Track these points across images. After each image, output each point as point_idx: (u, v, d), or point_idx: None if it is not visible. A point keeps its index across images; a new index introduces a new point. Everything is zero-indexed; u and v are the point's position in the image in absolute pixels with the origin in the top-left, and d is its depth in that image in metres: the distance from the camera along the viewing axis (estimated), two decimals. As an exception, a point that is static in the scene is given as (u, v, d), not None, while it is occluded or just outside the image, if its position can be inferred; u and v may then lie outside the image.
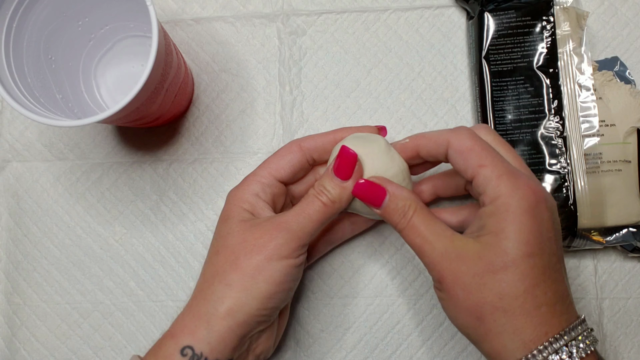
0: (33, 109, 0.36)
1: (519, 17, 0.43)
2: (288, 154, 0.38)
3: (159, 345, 0.34)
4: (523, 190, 0.31)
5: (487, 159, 0.32)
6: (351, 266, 0.45)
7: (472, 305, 0.31)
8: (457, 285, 0.31)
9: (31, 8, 0.38)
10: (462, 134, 0.34)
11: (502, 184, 0.31)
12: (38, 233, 0.46)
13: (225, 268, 0.34)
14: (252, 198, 0.36)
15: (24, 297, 0.46)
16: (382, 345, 0.44)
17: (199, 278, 0.36)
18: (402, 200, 0.34)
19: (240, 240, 0.34)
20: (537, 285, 0.30)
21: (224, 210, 0.37)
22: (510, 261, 0.30)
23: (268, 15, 0.47)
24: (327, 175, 0.36)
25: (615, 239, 0.42)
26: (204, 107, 0.47)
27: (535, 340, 0.30)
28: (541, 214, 0.31)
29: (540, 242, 0.31)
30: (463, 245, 0.32)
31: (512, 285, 0.30)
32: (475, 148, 0.33)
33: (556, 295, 0.31)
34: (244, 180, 0.38)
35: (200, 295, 0.34)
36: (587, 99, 0.42)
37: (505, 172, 0.32)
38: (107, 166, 0.47)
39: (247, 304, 0.33)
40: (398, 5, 0.47)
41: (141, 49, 0.46)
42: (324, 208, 0.35)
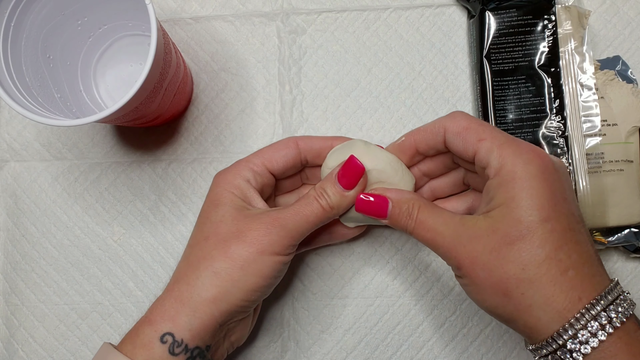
0: (31, 108, 0.35)
1: (520, 16, 0.43)
2: (284, 148, 0.37)
3: (136, 331, 0.33)
4: (527, 154, 0.30)
5: (486, 132, 0.32)
6: (352, 267, 0.44)
7: (496, 283, 0.30)
8: (476, 266, 0.30)
9: (29, 7, 0.37)
10: (457, 116, 0.34)
11: (505, 152, 0.31)
12: (36, 233, 0.46)
13: (214, 255, 0.33)
14: (244, 184, 0.36)
15: (22, 297, 0.46)
16: (382, 346, 0.44)
17: (182, 261, 0.35)
18: (405, 203, 0.34)
19: (233, 230, 0.34)
20: (560, 249, 0.29)
21: (213, 193, 0.36)
22: (525, 229, 0.29)
23: (268, 14, 0.47)
24: (329, 180, 0.35)
25: (617, 239, 0.41)
26: (203, 106, 0.47)
27: (569, 308, 0.28)
28: (551, 176, 0.30)
29: (554, 204, 0.29)
30: (474, 225, 0.31)
31: (533, 253, 0.29)
32: (472, 125, 0.33)
33: (582, 257, 0.29)
34: (235, 164, 0.37)
35: (184, 280, 0.34)
36: (589, 98, 0.42)
37: (506, 140, 0.31)
38: (105, 166, 0.46)
39: (232, 294, 0.33)
40: (398, 4, 0.46)
41: (140, 48, 0.45)
42: (321, 212, 0.35)
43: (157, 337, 0.32)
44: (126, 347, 0.33)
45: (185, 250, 0.36)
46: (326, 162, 0.38)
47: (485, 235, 0.30)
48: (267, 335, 0.44)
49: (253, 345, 0.44)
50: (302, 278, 0.45)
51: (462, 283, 0.33)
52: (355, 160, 0.35)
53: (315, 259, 0.45)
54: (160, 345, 0.32)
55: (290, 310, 0.44)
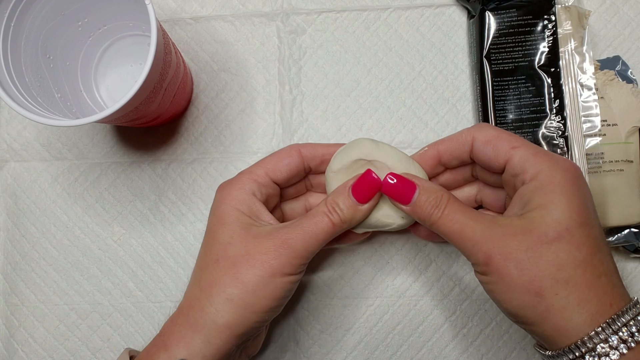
0: (31, 108, 0.35)
1: (520, 16, 0.43)
2: (287, 157, 0.37)
3: (151, 355, 0.33)
4: (563, 163, 0.31)
5: (518, 141, 0.33)
6: (351, 267, 0.44)
7: (529, 282, 0.29)
8: (509, 263, 0.29)
9: (29, 7, 0.37)
10: (485, 127, 0.34)
11: (541, 159, 0.31)
12: (36, 233, 0.46)
13: (225, 280, 0.33)
14: (249, 198, 0.35)
15: (22, 298, 0.46)
16: (382, 346, 0.44)
17: (193, 284, 0.35)
18: (434, 193, 0.33)
19: (242, 252, 0.33)
20: (595, 254, 0.29)
21: (219, 210, 0.35)
22: (564, 230, 0.29)
23: (267, 14, 0.47)
24: (342, 193, 0.35)
25: (617, 239, 0.41)
26: (203, 106, 0.47)
27: (602, 313, 0.28)
28: (583, 187, 0.31)
29: (588, 213, 0.30)
30: (507, 223, 0.31)
31: (571, 254, 0.29)
32: (503, 135, 0.33)
33: (611, 267, 0.30)
34: (238, 176, 0.36)
35: (198, 305, 0.33)
36: (589, 98, 0.42)
37: (540, 150, 0.32)
38: (105, 166, 0.46)
39: (246, 318, 0.33)
40: (398, 4, 0.46)
41: (140, 48, 0.45)
42: (331, 228, 0.34)
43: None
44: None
45: (195, 271, 0.36)
46: (330, 165, 0.37)
47: (520, 234, 0.30)
48: (266, 335, 0.44)
49: (253, 346, 0.44)
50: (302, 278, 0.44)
51: (487, 281, 0.31)
52: (371, 173, 0.34)
53: (315, 259, 0.45)
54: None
55: (290, 310, 0.44)
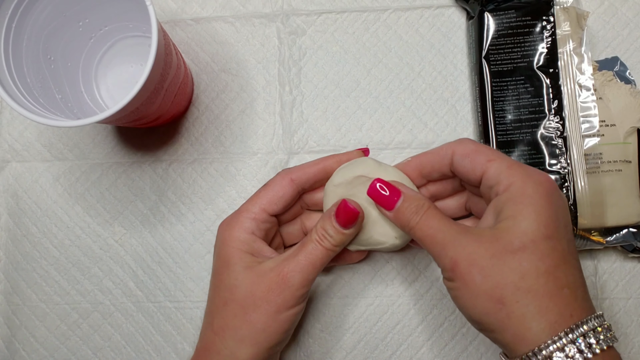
0: (32, 109, 0.35)
1: (519, 17, 0.43)
2: (280, 189, 0.38)
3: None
4: (537, 176, 0.32)
5: (495, 154, 0.34)
6: (351, 267, 0.45)
7: (492, 288, 0.30)
8: (473, 269, 0.30)
9: (30, 8, 0.38)
10: (465, 141, 0.36)
11: (515, 171, 0.32)
12: (37, 233, 0.46)
13: (236, 323, 0.35)
14: (249, 237, 0.37)
15: (23, 297, 0.46)
16: (382, 345, 0.44)
17: (207, 327, 0.37)
18: (416, 201, 0.34)
19: (248, 294, 0.35)
20: (558, 267, 0.30)
21: (223, 253, 0.37)
22: (529, 241, 0.30)
23: (268, 15, 0.47)
24: (328, 219, 0.36)
25: (615, 239, 0.42)
26: (203, 107, 0.47)
27: (561, 323, 0.29)
28: (556, 200, 0.32)
29: (557, 226, 0.31)
30: (477, 232, 0.32)
31: (533, 264, 0.29)
32: (481, 148, 0.35)
33: (576, 280, 0.30)
34: (236, 214, 0.38)
35: (213, 348, 0.35)
36: (588, 99, 0.42)
37: (515, 163, 0.33)
38: (106, 166, 0.47)
39: (260, 353, 0.35)
40: (398, 5, 0.47)
41: (141, 49, 0.45)
42: (326, 253, 0.36)
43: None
44: None
45: (207, 314, 0.37)
46: (332, 179, 0.38)
47: (487, 242, 0.31)
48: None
49: (253, 345, 0.44)
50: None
51: (452, 287, 0.32)
52: (347, 205, 0.35)
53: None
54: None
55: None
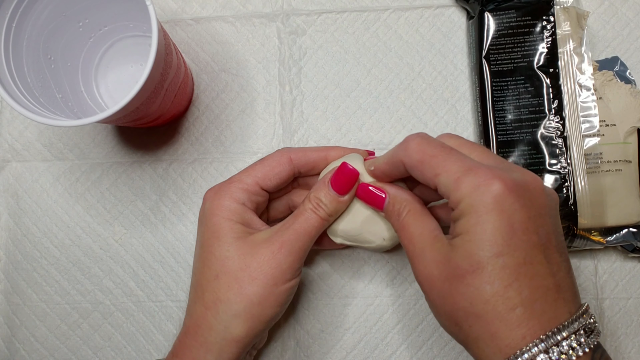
0: (32, 108, 0.35)
1: (519, 17, 0.43)
2: (278, 165, 0.37)
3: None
4: (484, 185, 0.29)
5: (439, 166, 0.31)
6: (351, 266, 0.45)
7: (448, 312, 0.30)
8: (432, 291, 0.30)
9: (31, 8, 0.38)
10: (409, 148, 0.32)
11: (461, 185, 0.29)
12: (38, 233, 0.46)
13: (230, 297, 0.34)
14: (239, 208, 0.35)
15: (24, 297, 0.46)
16: (382, 345, 0.44)
17: (196, 302, 0.35)
18: (398, 203, 0.34)
19: (242, 266, 0.34)
20: (510, 286, 0.28)
21: (211, 223, 0.35)
22: (475, 263, 0.28)
23: (268, 14, 0.47)
24: (323, 187, 0.35)
25: (615, 239, 0.42)
26: (203, 107, 0.47)
27: (512, 345, 0.27)
28: (510, 205, 0.28)
29: (509, 238, 0.28)
30: (439, 247, 0.31)
31: (481, 289, 0.28)
32: (425, 159, 0.31)
33: (536, 292, 0.28)
34: (227, 184, 0.36)
35: (205, 323, 0.34)
36: (588, 98, 0.42)
37: (462, 172, 0.30)
38: (106, 166, 0.47)
39: (254, 328, 0.34)
40: (398, 5, 0.47)
41: (141, 48, 0.45)
42: (321, 222, 0.35)
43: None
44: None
45: (195, 287, 0.36)
46: (328, 169, 0.38)
47: (442, 263, 0.30)
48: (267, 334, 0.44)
49: (253, 345, 0.44)
50: (302, 278, 0.45)
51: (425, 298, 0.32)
52: (347, 166, 0.35)
53: (315, 259, 0.45)
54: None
55: (290, 309, 0.44)
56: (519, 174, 0.30)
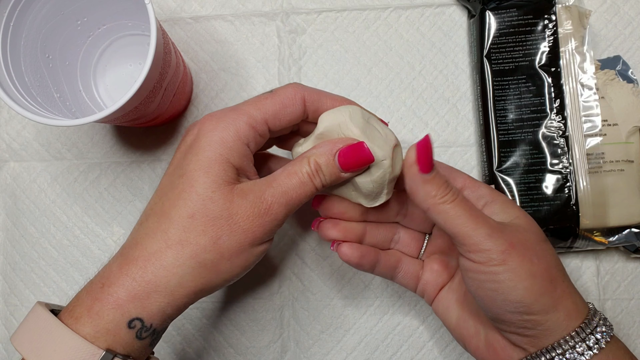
0: (30, 108, 0.35)
1: (520, 16, 0.42)
2: (291, 105, 0.32)
3: (97, 312, 0.29)
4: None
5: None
6: (351, 267, 0.44)
7: (546, 269, 0.31)
8: (529, 251, 0.31)
9: (29, 6, 0.37)
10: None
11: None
12: (35, 233, 0.46)
13: (201, 242, 0.30)
14: (243, 150, 0.31)
15: (22, 298, 0.46)
16: (382, 346, 0.44)
17: (158, 235, 0.30)
18: (445, 178, 0.31)
19: (225, 214, 0.30)
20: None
21: (205, 155, 0.30)
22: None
23: (267, 13, 0.47)
24: (326, 155, 0.32)
25: (617, 239, 0.41)
26: (203, 106, 0.46)
27: (584, 310, 0.32)
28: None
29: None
30: (511, 223, 0.33)
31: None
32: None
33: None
34: (232, 113, 0.31)
35: (160, 262, 0.29)
36: (590, 98, 0.41)
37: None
38: (105, 166, 0.46)
39: (214, 283, 0.31)
40: (399, 4, 0.46)
41: (139, 47, 0.45)
42: (313, 192, 0.32)
43: (124, 322, 0.29)
44: (85, 328, 0.29)
45: (158, 216, 0.30)
46: (317, 127, 0.33)
47: (526, 232, 0.32)
48: (267, 335, 0.44)
49: (252, 346, 0.44)
50: (302, 278, 0.44)
51: (501, 271, 0.30)
52: (365, 148, 0.31)
53: (315, 259, 0.45)
54: (127, 330, 0.29)
55: (290, 310, 0.44)
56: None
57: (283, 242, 0.45)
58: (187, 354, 0.44)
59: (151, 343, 0.31)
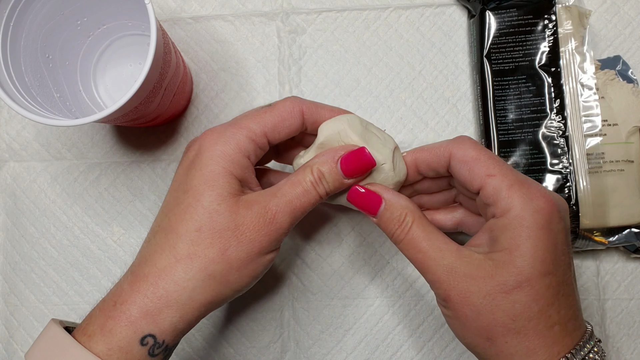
0: (30, 108, 0.35)
1: (520, 16, 0.42)
2: (289, 118, 0.33)
3: (110, 329, 0.29)
4: (537, 201, 0.29)
5: (496, 167, 0.30)
6: (351, 267, 0.44)
7: (483, 327, 0.29)
8: (465, 306, 0.29)
9: (29, 6, 0.37)
10: (465, 144, 0.32)
11: (514, 194, 0.29)
12: (35, 233, 0.46)
13: (210, 255, 0.30)
14: (244, 162, 0.32)
15: (22, 298, 0.46)
16: (382, 346, 0.44)
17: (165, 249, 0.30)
18: (399, 209, 0.32)
19: (231, 226, 0.30)
20: (552, 305, 0.29)
21: (209, 170, 0.31)
22: (525, 280, 0.28)
23: (267, 13, 0.47)
24: (330, 162, 0.32)
25: (617, 239, 0.41)
26: (202, 106, 0.46)
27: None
28: (556, 226, 0.29)
29: (555, 258, 0.29)
30: (471, 262, 0.30)
31: (527, 306, 0.28)
32: (482, 157, 0.31)
33: (569, 311, 0.29)
34: (232, 128, 0.32)
35: (170, 277, 0.30)
36: (590, 98, 0.41)
37: (517, 181, 0.30)
38: (105, 166, 0.46)
39: (224, 295, 0.31)
40: (399, 4, 0.46)
41: (139, 47, 0.45)
42: (317, 200, 0.32)
43: (137, 339, 0.29)
44: (98, 346, 0.29)
45: (166, 233, 0.31)
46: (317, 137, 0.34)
47: (481, 278, 0.29)
48: (267, 335, 0.44)
49: (253, 346, 0.44)
50: (302, 278, 0.44)
51: (445, 314, 0.32)
52: (365, 151, 0.32)
53: (315, 259, 0.45)
54: (139, 347, 0.29)
55: (290, 310, 0.44)
56: (555, 195, 0.31)
57: (283, 242, 0.45)
58: (187, 353, 0.44)
59: (164, 358, 0.31)
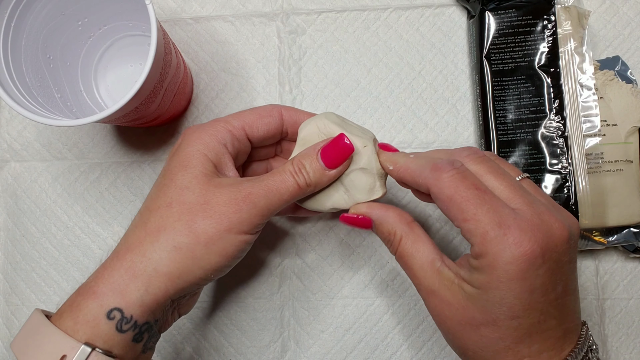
0: (31, 108, 0.35)
1: (520, 16, 0.43)
2: (268, 116, 0.35)
3: (78, 305, 0.29)
4: (512, 249, 0.27)
5: (469, 211, 0.29)
6: (351, 267, 0.44)
7: (457, 346, 0.31)
8: (442, 326, 0.31)
9: (30, 7, 0.37)
10: (442, 181, 0.30)
11: (488, 243, 0.28)
12: (36, 233, 0.46)
13: (177, 227, 0.30)
14: (219, 148, 0.33)
15: (23, 298, 0.46)
16: (382, 346, 0.44)
17: (138, 226, 0.31)
18: (387, 226, 0.33)
19: (200, 200, 0.31)
20: (521, 342, 0.28)
21: (184, 153, 0.32)
22: (491, 321, 0.28)
23: (267, 14, 0.47)
24: (310, 155, 0.33)
25: (616, 239, 0.41)
26: (203, 106, 0.47)
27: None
28: (534, 272, 0.28)
29: (528, 303, 0.28)
30: (449, 288, 0.30)
31: (493, 342, 0.29)
32: (456, 198, 0.29)
33: (545, 344, 0.29)
34: (212, 122, 0.34)
35: (138, 249, 0.30)
36: (589, 98, 0.42)
37: (493, 226, 0.28)
38: (105, 166, 0.46)
39: (191, 272, 0.30)
40: (398, 4, 0.46)
41: (140, 48, 0.45)
42: (297, 189, 0.32)
43: (103, 312, 0.29)
44: (66, 322, 0.29)
45: (142, 213, 0.32)
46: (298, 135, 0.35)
47: (455, 307, 0.30)
48: (267, 335, 0.44)
49: (253, 345, 0.44)
50: (302, 278, 0.45)
51: None
52: (344, 138, 0.32)
53: (315, 259, 0.45)
54: (106, 321, 0.29)
55: (290, 310, 0.44)
56: (546, 218, 0.28)
57: (283, 242, 0.45)
58: (188, 353, 0.44)
59: (134, 339, 0.30)
